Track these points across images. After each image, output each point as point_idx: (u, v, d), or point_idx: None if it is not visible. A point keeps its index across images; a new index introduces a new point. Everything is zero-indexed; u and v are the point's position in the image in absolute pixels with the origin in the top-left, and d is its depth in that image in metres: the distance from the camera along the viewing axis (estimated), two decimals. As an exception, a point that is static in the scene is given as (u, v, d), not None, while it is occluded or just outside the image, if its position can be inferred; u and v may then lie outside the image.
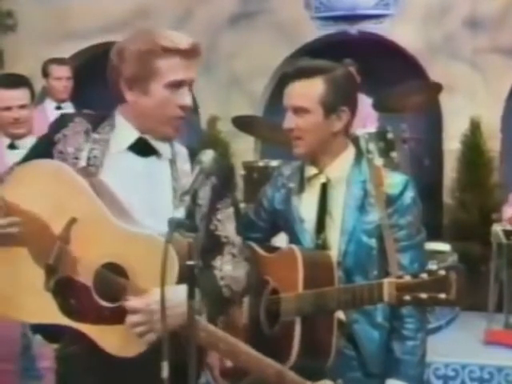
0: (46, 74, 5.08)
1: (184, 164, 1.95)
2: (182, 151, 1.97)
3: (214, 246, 1.92)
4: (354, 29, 6.34)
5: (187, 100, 1.88)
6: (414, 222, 2.16)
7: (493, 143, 5.99)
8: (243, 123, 5.08)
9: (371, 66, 5.88)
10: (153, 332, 1.70)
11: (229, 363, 2.17)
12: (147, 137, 1.90)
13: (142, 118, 1.88)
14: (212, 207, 1.91)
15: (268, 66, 6.56)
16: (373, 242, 2.15)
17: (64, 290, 1.78)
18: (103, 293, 1.75)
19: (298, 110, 2.12)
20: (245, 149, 6.36)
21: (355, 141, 4.97)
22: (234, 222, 1.98)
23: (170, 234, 1.56)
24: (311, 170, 2.23)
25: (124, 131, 1.91)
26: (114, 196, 1.82)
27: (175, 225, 1.56)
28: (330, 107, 2.12)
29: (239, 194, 4.77)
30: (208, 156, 1.70)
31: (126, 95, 1.87)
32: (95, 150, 1.90)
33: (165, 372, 1.55)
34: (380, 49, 6.28)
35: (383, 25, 6.27)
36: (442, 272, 1.86)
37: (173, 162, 1.94)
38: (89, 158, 1.89)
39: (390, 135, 4.80)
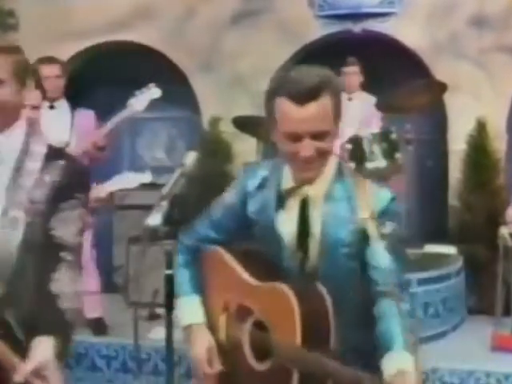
0: None
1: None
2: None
3: (49, 247, 1.87)
4: (358, 27, 6.27)
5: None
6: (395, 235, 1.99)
7: (499, 144, 5.90)
8: (243, 124, 5.01)
9: (375, 65, 5.85)
10: None
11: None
12: None
13: None
14: (52, 206, 1.86)
15: (271, 66, 6.43)
16: (353, 262, 1.98)
17: None
18: None
19: (318, 135, 1.91)
20: (247, 150, 6.27)
21: (357, 142, 4.98)
22: (76, 227, 1.92)
23: (145, 242, 1.47)
24: (290, 183, 2.04)
25: None
26: None
27: (150, 233, 1.47)
28: (337, 121, 1.95)
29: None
30: (190, 158, 1.60)
31: None
32: None
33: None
34: (384, 48, 6.20)
35: (388, 23, 6.19)
36: None
37: None
38: None
39: (393, 136, 4.74)
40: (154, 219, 1.47)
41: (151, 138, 7.46)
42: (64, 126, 4.79)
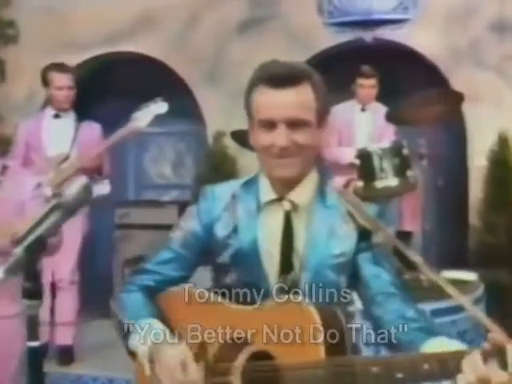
0: (46, 82, 4.63)
1: None
2: None
3: None
4: (369, 35, 6.08)
5: None
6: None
7: (523, 159, 5.75)
8: (242, 137, 4.72)
9: (388, 75, 5.60)
10: None
11: None
12: None
13: None
14: None
15: (279, 76, 6.23)
16: (342, 279, 1.88)
17: None
18: None
19: (295, 124, 1.81)
20: (253, 165, 5.95)
21: (366, 157, 4.65)
22: None
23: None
24: (269, 194, 1.90)
25: None
26: None
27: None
28: (320, 117, 1.85)
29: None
30: (74, 188, 1.18)
31: None
32: None
33: None
34: (398, 56, 6.02)
35: (402, 30, 6.02)
36: None
37: None
38: None
39: (405, 151, 4.49)
40: (-3, 272, 1.04)
41: (157, 152, 7.26)
42: (67, 137, 4.58)
